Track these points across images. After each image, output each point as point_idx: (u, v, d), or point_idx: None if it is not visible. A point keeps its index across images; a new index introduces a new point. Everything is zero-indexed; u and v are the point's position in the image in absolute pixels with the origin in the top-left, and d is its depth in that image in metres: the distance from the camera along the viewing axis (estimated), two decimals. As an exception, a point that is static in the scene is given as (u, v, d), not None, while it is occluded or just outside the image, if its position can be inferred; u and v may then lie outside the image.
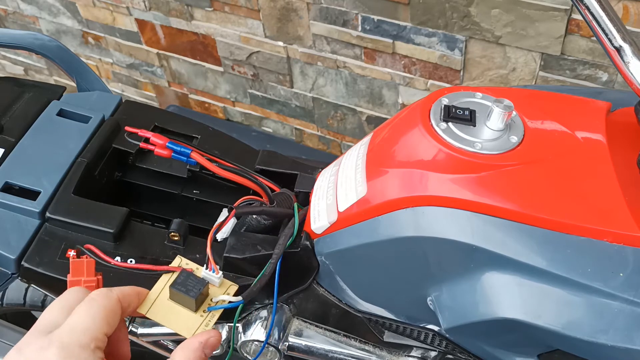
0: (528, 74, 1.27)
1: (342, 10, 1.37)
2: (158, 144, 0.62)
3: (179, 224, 0.67)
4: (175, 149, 0.62)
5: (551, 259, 0.47)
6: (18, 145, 0.74)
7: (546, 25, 1.15)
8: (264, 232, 0.67)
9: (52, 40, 0.88)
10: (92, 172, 0.74)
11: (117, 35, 1.82)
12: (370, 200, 0.54)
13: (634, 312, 0.45)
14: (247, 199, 0.66)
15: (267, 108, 1.78)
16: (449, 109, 0.52)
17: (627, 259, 0.46)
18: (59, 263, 0.66)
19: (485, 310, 0.50)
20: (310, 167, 0.74)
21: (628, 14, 1.08)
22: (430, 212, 0.50)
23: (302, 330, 0.68)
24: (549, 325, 0.47)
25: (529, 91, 0.59)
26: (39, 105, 0.79)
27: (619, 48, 0.50)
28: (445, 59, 1.33)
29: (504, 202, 0.48)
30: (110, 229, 0.67)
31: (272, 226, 0.67)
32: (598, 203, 0.48)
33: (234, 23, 1.56)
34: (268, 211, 0.65)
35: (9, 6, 1.94)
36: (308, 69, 1.56)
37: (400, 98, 1.49)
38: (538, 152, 0.51)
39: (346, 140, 1.72)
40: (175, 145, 0.62)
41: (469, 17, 1.22)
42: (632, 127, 0.54)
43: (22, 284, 0.94)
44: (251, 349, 0.70)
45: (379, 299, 0.62)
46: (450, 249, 0.50)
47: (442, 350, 0.63)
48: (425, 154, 0.51)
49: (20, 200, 0.69)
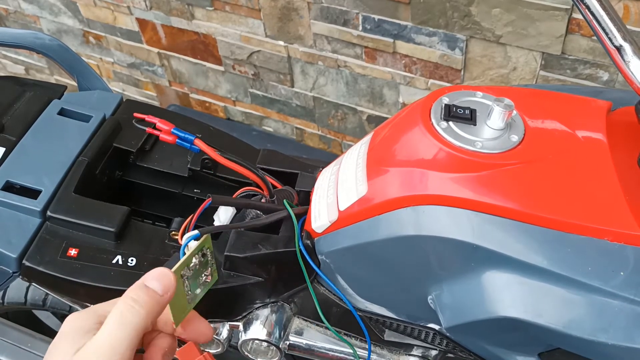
0: (529, 74, 1.27)
1: (343, 10, 1.37)
2: (164, 130, 0.65)
3: (179, 223, 0.67)
4: (179, 135, 0.65)
5: (552, 257, 0.47)
6: (19, 144, 0.74)
7: (547, 24, 1.15)
8: (264, 230, 0.67)
9: (53, 39, 0.88)
10: (93, 171, 0.74)
11: (118, 34, 1.82)
12: (370, 199, 0.54)
13: (634, 311, 0.45)
14: (247, 190, 0.66)
15: (268, 107, 1.78)
16: (449, 108, 0.52)
17: (628, 257, 0.46)
18: (60, 262, 0.66)
19: (486, 309, 0.50)
20: (310, 166, 0.74)
21: (628, 13, 1.08)
22: (430, 211, 0.50)
23: (302, 329, 0.68)
24: (550, 324, 0.47)
25: (530, 90, 0.59)
26: (39, 104, 0.79)
27: (620, 47, 0.50)
28: (445, 58, 1.33)
29: (504, 201, 0.48)
30: (111, 228, 0.67)
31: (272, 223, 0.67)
32: (598, 202, 0.48)
33: (235, 22, 1.56)
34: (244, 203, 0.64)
35: (10, 5, 1.95)
36: (309, 68, 1.56)
37: (400, 97, 1.49)
38: (538, 151, 0.51)
39: (347, 140, 1.72)
40: (180, 131, 0.65)
41: (469, 17, 1.22)
42: (632, 126, 0.54)
43: (23, 283, 0.94)
44: (252, 348, 0.70)
45: (380, 298, 0.62)
46: (451, 248, 0.50)
47: (443, 349, 0.63)
48: (425, 153, 0.51)
49: (21, 199, 0.69)
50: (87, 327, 0.43)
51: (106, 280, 0.65)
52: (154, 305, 0.43)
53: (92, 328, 0.43)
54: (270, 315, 0.67)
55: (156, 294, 0.44)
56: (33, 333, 1.05)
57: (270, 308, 0.68)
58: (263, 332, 0.67)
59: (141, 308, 0.43)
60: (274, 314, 0.67)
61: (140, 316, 0.42)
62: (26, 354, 1.01)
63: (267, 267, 0.64)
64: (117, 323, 0.42)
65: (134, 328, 0.42)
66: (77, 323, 0.43)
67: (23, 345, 1.02)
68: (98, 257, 0.66)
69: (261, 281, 0.65)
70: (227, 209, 0.64)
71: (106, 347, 0.41)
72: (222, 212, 0.65)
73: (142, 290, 0.44)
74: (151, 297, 0.43)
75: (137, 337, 0.42)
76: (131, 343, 0.41)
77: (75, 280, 0.65)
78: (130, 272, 0.65)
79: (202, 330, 0.48)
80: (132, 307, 0.42)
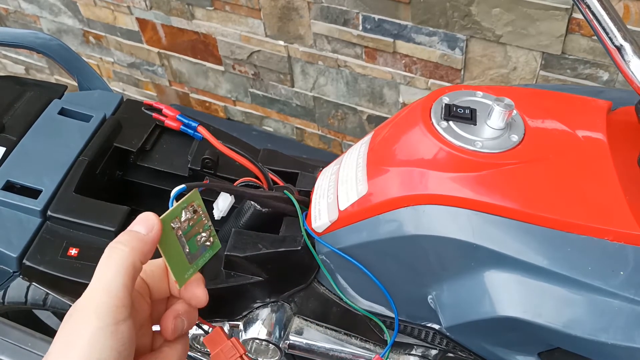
0: (529, 73, 1.27)
1: (343, 10, 1.37)
2: (169, 116, 0.71)
3: (180, 223, 0.67)
4: (184, 121, 0.70)
5: (552, 257, 0.47)
6: (19, 144, 0.74)
7: (547, 24, 1.15)
8: (264, 224, 0.67)
9: (53, 39, 0.88)
10: (93, 171, 0.74)
11: (118, 34, 1.82)
12: (371, 198, 0.54)
13: (634, 311, 0.45)
14: (246, 180, 0.66)
15: (268, 107, 1.78)
16: (449, 107, 0.52)
17: (628, 257, 0.46)
18: (60, 261, 0.66)
19: (486, 308, 0.50)
20: (311, 166, 0.74)
21: (629, 13, 1.08)
22: (430, 211, 0.50)
23: (302, 329, 0.68)
24: (550, 323, 0.47)
25: (530, 90, 0.59)
26: (40, 104, 0.79)
27: (620, 47, 0.50)
28: (446, 58, 1.33)
29: (504, 201, 0.48)
30: (112, 228, 0.67)
31: (271, 219, 0.67)
32: (599, 201, 0.48)
33: (235, 22, 1.56)
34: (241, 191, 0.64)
35: (10, 5, 1.95)
36: (309, 68, 1.56)
37: (401, 97, 1.49)
38: (538, 151, 0.51)
39: (347, 140, 1.72)
40: (185, 117, 0.70)
41: (469, 16, 1.22)
42: (632, 126, 0.55)
43: (24, 283, 0.94)
44: (252, 348, 0.70)
45: (380, 298, 0.62)
46: (451, 248, 0.50)
47: (443, 348, 0.63)
48: (425, 152, 0.51)
49: (22, 198, 0.69)
50: None
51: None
52: (138, 242, 0.44)
53: None
54: (271, 315, 0.67)
55: (139, 233, 0.45)
56: (33, 333, 1.05)
57: (270, 308, 0.68)
58: (263, 331, 0.67)
59: (124, 246, 0.43)
60: (274, 314, 0.67)
61: (124, 253, 0.43)
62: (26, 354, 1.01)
63: (268, 267, 0.64)
64: (104, 265, 0.43)
65: (122, 265, 0.42)
66: None
67: (23, 345, 1.02)
68: (98, 257, 0.65)
69: (261, 281, 0.65)
70: (226, 199, 0.64)
71: (100, 290, 0.42)
72: (221, 201, 0.65)
73: (126, 233, 0.45)
74: (134, 236, 0.44)
75: (128, 275, 0.42)
76: (123, 281, 0.42)
77: (76, 280, 0.65)
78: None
79: (198, 294, 0.49)
80: (116, 247, 0.44)
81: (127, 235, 0.45)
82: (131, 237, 0.44)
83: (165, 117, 0.71)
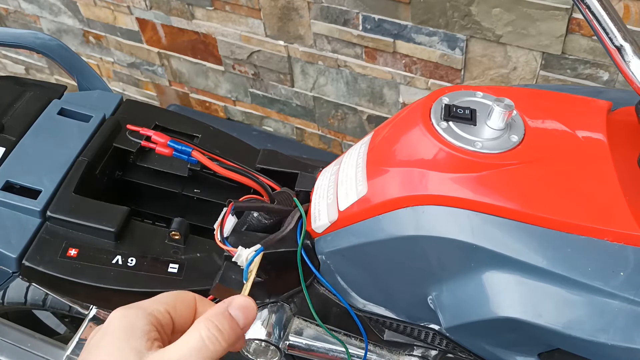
0: (529, 73, 1.27)
1: (343, 10, 1.37)
2: (159, 142, 0.63)
3: (179, 223, 0.67)
4: (176, 147, 0.63)
5: (551, 258, 0.47)
6: (19, 144, 0.74)
7: (547, 24, 1.15)
8: (265, 232, 0.67)
9: (53, 39, 0.88)
10: (93, 171, 0.74)
11: (118, 34, 1.82)
12: (370, 199, 0.54)
13: (634, 311, 0.45)
14: (247, 198, 0.66)
15: (268, 107, 1.78)
16: (449, 108, 0.52)
17: (628, 258, 0.46)
18: (59, 262, 0.66)
19: (486, 309, 0.50)
20: (311, 166, 0.74)
21: (629, 13, 1.08)
22: (430, 211, 0.50)
23: (302, 329, 0.68)
24: (550, 324, 0.47)
25: (530, 90, 0.59)
26: (39, 104, 0.79)
27: (620, 47, 0.50)
28: (446, 58, 1.33)
29: (504, 201, 0.48)
30: (111, 228, 0.67)
31: (272, 226, 0.67)
32: (598, 202, 0.48)
33: (235, 22, 1.56)
34: (268, 207, 0.65)
35: (10, 5, 1.95)
36: (309, 68, 1.56)
37: (401, 97, 1.49)
38: (538, 151, 0.51)
39: (347, 140, 1.72)
40: (176, 143, 0.63)
41: (469, 16, 1.22)
42: (632, 126, 0.54)
43: (23, 283, 0.94)
44: (252, 348, 0.70)
45: (380, 298, 0.62)
46: (451, 248, 0.50)
47: (443, 349, 0.63)
48: (425, 153, 0.51)
49: (21, 199, 0.69)
50: (139, 327, 0.40)
51: (106, 280, 0.65)
52: (234, 339, 0.41)
53: (146, 330, 0.40)
54: (270, 316, 0.67)
55: (238, 327, 0.42)
56: (33, 333, 1.05)
57: (270, 308, 0.68)
58: (263, 332, 0.67)
59: (224, 341, 0.40)
60: (273, 314, 0.67)
61: (221, 349, 0.40)
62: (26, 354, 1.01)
63: (267, 268, 0.64)
64: (196, 350, 0.39)
65: (211, 358, 0.39)
66: (126, 321, 0.41)
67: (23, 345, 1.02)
68: (98, 257, 0.66)
69: (261, 281, 0.64)
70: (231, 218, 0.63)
71: None
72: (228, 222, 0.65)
73: (226, 320, 0.41)
74: (234, 330, 0.41)
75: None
76: None
77: (75, 280, 0.65)
78: (130, 272, 0.65)
79: None
80: (216, 338, 0.40)
81: (228, 327, 0.41)
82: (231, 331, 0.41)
83: (155, 145, 0.64)
